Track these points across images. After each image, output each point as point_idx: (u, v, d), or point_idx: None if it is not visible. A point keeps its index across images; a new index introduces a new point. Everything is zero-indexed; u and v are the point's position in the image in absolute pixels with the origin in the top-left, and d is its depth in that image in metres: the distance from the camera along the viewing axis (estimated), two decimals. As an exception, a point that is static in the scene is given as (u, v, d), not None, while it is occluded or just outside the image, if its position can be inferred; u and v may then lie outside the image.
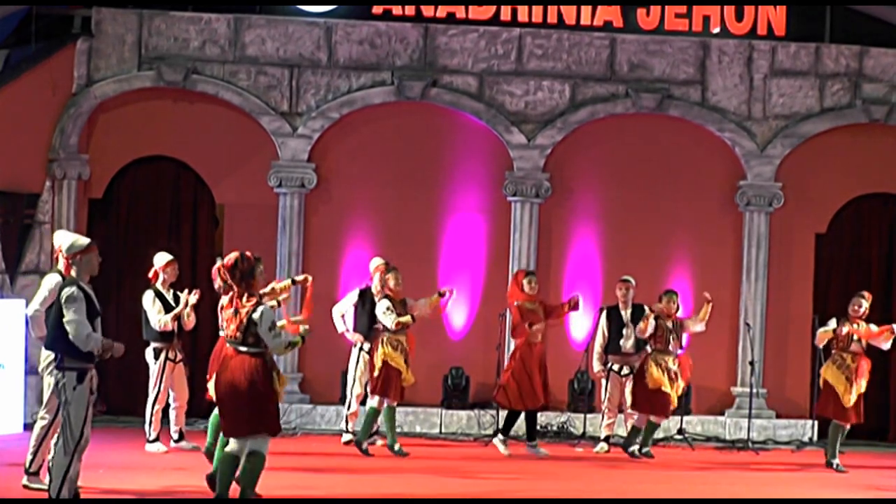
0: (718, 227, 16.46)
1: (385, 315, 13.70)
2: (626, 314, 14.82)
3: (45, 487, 10.44)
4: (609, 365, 14.81)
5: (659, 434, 15.79)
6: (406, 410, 15.71)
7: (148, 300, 13.40)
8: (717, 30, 16.28)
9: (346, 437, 14.47)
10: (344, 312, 14.60)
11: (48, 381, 10.79)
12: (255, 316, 9.89)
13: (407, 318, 13.78)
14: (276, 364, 10.23)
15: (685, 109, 16.28)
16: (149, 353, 13.49)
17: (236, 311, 9.99)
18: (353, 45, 16.10)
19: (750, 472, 13.75)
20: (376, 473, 12.63)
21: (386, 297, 13.86)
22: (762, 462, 14.52)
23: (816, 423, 15.99)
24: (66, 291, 9.74)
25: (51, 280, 11.07)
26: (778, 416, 16.26)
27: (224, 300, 10.30)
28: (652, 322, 14.21)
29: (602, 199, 16.47)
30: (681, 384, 14.33)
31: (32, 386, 15.15)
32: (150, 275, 13.51)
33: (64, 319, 9.68)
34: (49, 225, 15.60)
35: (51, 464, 9.88)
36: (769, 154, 16.31)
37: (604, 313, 14.95)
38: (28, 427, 14.59)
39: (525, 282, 14.24)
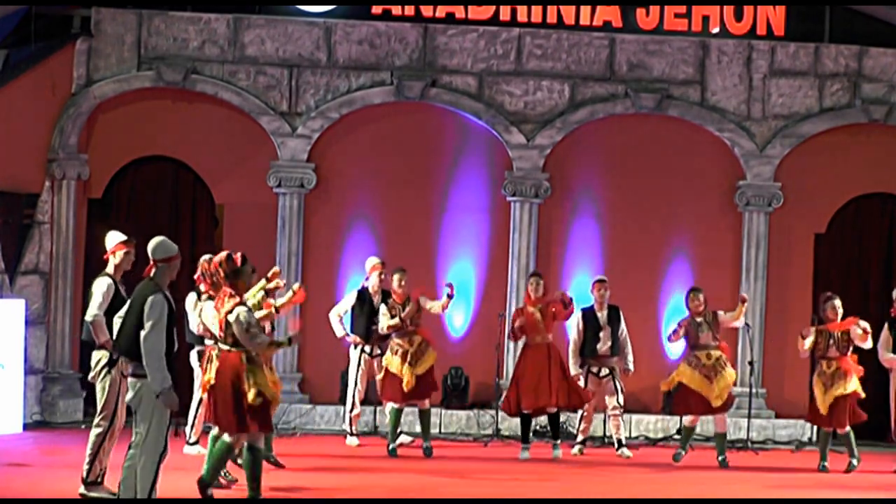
0: (718, 227, 16.45)
1: None
2: (602, 315, 14.42)
3: (107, 496, 10.32)
4: (587, 367, 14.53)
5: (658, 434, 15.82)
6: (405, 410, 15.67)
7: (189, 303, 12.66)
8: (716, 30, 16.27)
9: (351, 439, 14.47)
10: (342, 315, 14.55)
11: (101, 386, 10.56)
12: (231, 318, 10.10)
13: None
14: (258, 361, 10.31)
15: (684, 109, 16.28)
16: (193, 357, 12.97)
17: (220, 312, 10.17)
18: (353, 45, 16.10)
19: (749, 472, 13.74)
20: (376, 474, 12.63)
21: None
22: (761, 462, 14.53)
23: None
24: (152, 299, 9.25)
25: (102, 283, 10.74)
26: (777, 416, 16.25)
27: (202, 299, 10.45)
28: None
29: (601, 199, 16.46)
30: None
31: (32, 386, 15.17)
32: (196, 277, 13.08)
33: (142, 333, 9.23)
34: (48, 225, 15.60)
35: (125, 472, 9.44)
36: (768, 154, 16.31)
37: (579, 315, 14.49)
38: (28, 427, 14.62)
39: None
